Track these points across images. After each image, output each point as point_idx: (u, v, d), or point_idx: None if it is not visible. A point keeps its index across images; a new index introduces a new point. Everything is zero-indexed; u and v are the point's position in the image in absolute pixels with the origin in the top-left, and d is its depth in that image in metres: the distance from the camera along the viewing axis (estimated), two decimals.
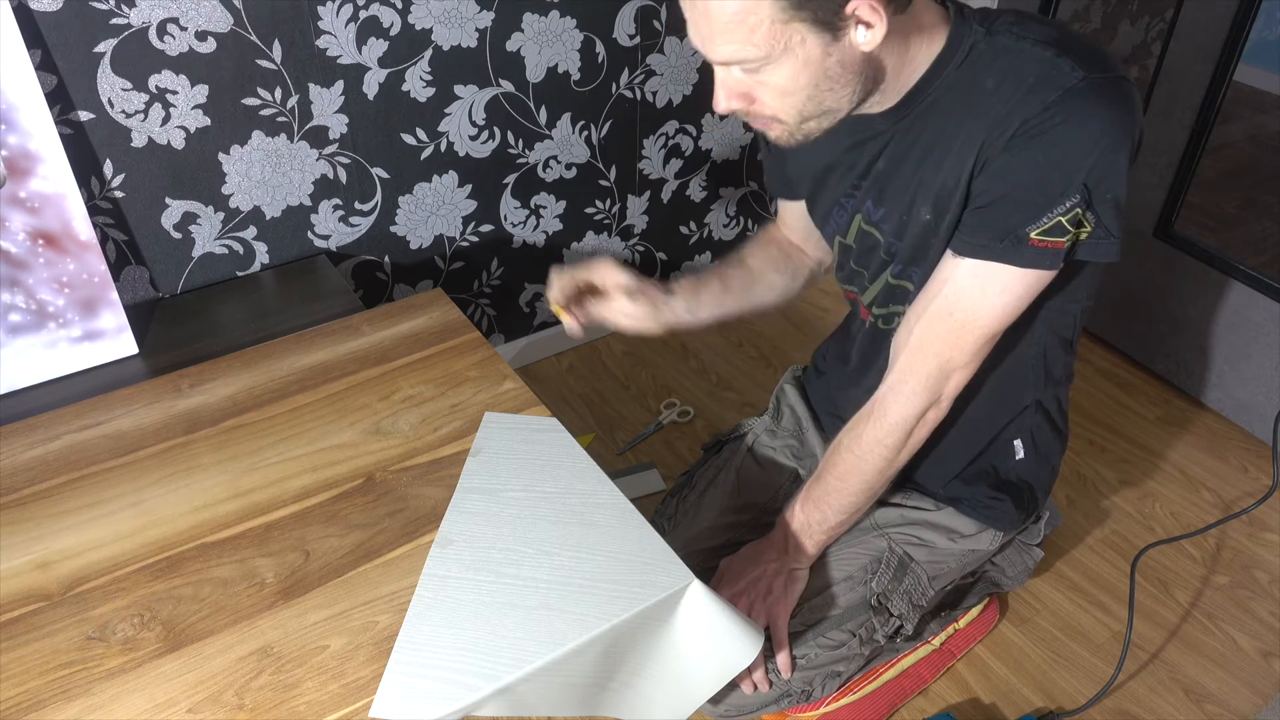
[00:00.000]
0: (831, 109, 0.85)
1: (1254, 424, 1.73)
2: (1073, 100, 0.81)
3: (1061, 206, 0.84)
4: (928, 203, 0.93)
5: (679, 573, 0.89)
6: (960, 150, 0.88)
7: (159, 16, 1.23)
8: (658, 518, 1.32)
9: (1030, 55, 0.84)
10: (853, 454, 1.03)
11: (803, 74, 0.80)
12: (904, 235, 0.98)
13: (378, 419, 1.09)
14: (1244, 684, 1.32)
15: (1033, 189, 0.84)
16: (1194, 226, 1.77)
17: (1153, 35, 1.98)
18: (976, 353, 0.94)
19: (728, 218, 2.05)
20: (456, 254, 1.69)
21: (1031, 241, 0.86)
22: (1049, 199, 0.84)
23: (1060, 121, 0.81)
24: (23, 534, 0.95)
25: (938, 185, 0.91)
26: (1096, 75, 0.81)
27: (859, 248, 1.05)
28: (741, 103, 0.85)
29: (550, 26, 1.54)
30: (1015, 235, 0.86)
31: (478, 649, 0.82)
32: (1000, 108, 0.84)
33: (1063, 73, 0.81)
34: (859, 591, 1.12)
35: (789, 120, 0.86)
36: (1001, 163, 0.85)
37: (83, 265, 1.23)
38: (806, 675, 1.11)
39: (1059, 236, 0.85)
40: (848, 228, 1.04)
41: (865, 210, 1.01)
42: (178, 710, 0.79)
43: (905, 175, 0.95)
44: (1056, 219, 0.84)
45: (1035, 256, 0.87)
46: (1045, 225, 0.85)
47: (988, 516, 1.14)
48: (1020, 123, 0.83)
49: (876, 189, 0.98)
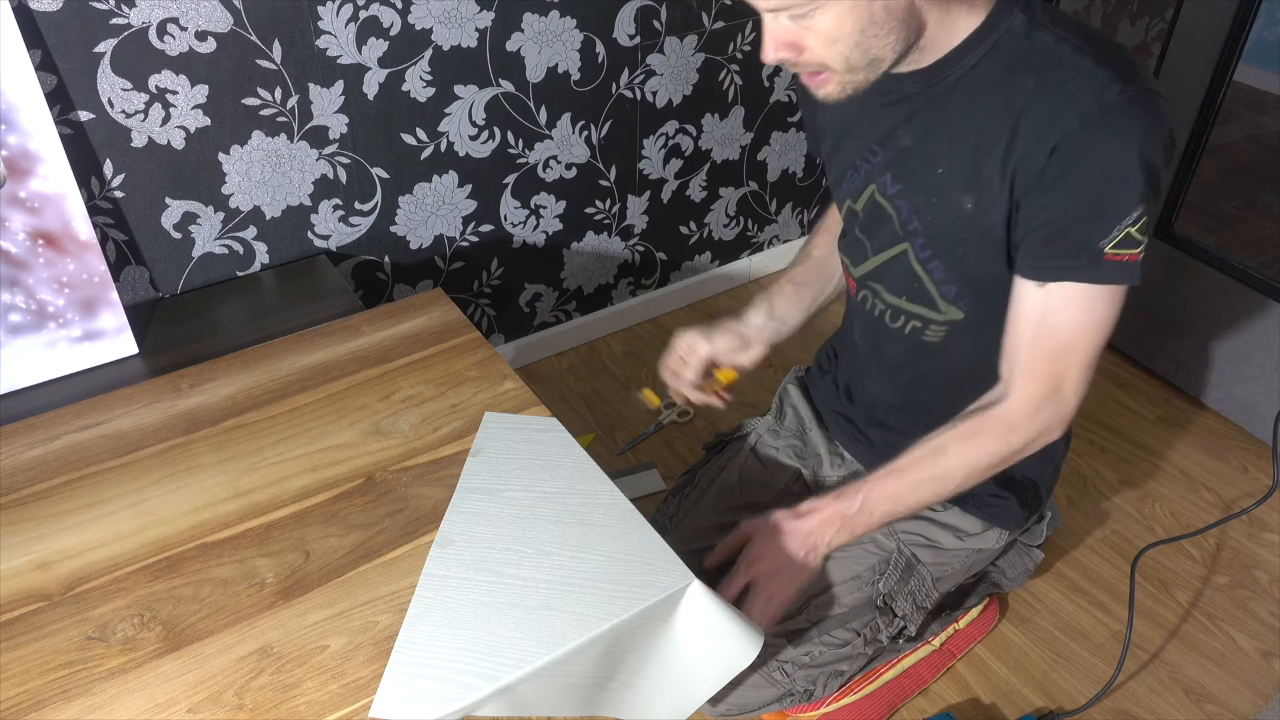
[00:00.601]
0: (877, 57, 0.85)
1: (1254, 424, 1.73)
2: (1113, 115, 0.82)
3: (1129, 217, 0.85)
4: (970, 192, 0.92)
5: (679, 573, 0.89)
6: (1004, 146, 0.88)
7: (159, 16, 1.23)
8: (659, 517, 1.32)
9: (1070, 62, 0.85)
10: (963, 460, 0.99)
11: (850, 18, 0.81)
12: (930, 217, 0.97)
13: (378, 419, 1.09)
14: (1244, 684, 1.32)
15: (1095, 204, 0.85)
16: (1194, 226, 1.77)
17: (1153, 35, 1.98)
18: (1086, 366, 0.94)
19: (728, 218, 2.05)
20: (456, 254, 1.69)
21: (1107, 256, 0.87)
22: (1114, 212, 0.85)
23: (1104, 137, 0.83)
24: (23, 534, 0.95)
25: (982, 177, 0.91)
26: (1132, 88, 0.83)
27: (866, 217, 1.04)
28: (789, 52, 0.85)
29: (550, 26, 1.54)
30: (1091, 252, 0.87)
31: (478, 649, 0.82)
32: (1041, 112, 0.85)
33: (1101, 85, 0.83)
34: (865, 591, 1.12)
35: (837, 67, 0.85)
36: (1053, 180, 0.86)
37: (83, 265, 1.23)
38: (810, 674, 1.12)
39: (1132, 248, 0.87)
40: (860, 194, 1.04)
41: (882, 183, 1.00)
42: (178, 710, 0.79)
43: (932, 156, 0.94)
44: (1125, 230, 0.85)
45: (1114, 271, 0.87)
46: (1116, 238, 0.86)
47: (992, 515, 1.14)
48: (1062, 134, 0.84)
49: (897, 163, 0.98)
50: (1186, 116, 1.65)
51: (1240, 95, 1.71)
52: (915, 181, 0.97)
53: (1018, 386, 0.96)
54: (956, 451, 0.99)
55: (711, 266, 2.10)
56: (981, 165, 0.90)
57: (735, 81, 1.85)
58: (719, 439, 1.37)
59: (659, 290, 2.04)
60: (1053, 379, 0.94)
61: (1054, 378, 0.94)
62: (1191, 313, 1.76)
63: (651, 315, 2.06)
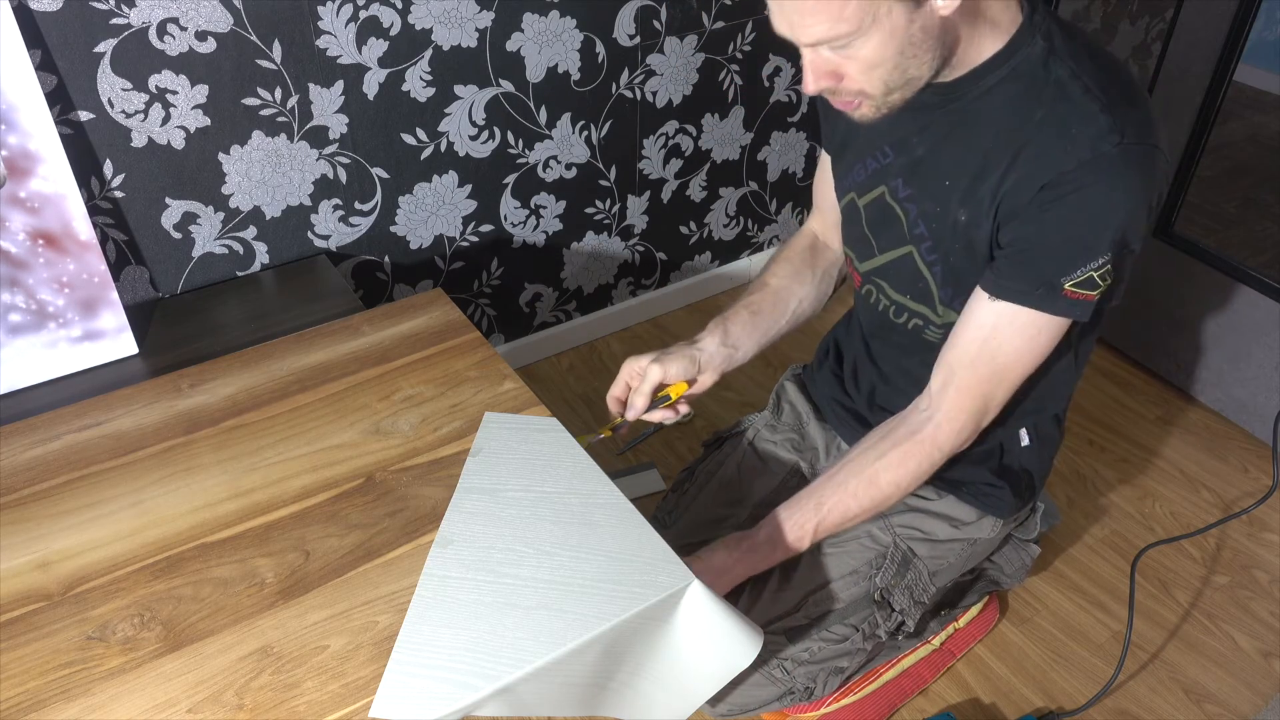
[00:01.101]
0: (914, 77, 0.87)
1: (1254, 424, 1.73)
2: (1106, 165, 0.85)
3: (1094, 262, 0.88)
4: (965, 207, 0.95)
5: (679, 573, 0.89)
6: (1001, 172, 0.91)
7: (159, 16, 1.23)
8: (659, 514, 1.32)
9: (1078, 102, 0.87)
10: (895, 484, 1.03)
11: (890, 44, 0.82)
12: (935, 225, 1.00)
13: (378, 419, 1.09)
14: (1244, 684, 1.32)
15: (1067, 243, 0.88)
16: (1194, 226, 1.77)
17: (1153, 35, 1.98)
18: (1014, 388, 0.99)
19: (728, 218, 2.05)
20: (456, 254, 1.69)
21: (1065, 292, 0.90)
22: (1082, 254, 0.88)
23: (1092, 182, 0.85)
24: (23, 534, 0.95)
25: (977, 195, 0.94)
26: (1131, 144, 0.85)
27: (873, 215, 1.06)
28: (830, 81, 0.87)
29: (550, 26, 1.54)
30: (1050, 284, 0.90)
31: (478, 649, 0.82)
32: (1040, 147, 0.88)
33: (1102, 134, 0.85)
34: (862, 586, 1.12)
35: (875, 93, 0.87)
36: (1035, 212, 0.89)
37: (83, 265, 1.23)
38: (810, 671, 1.12)
39: (1090, 290, 0.90)
40: (867, 190, 1.06)
41: (893, 186, 1.02)
42: (178, 710, 0.79)
43: (941, 168, 0.97)
44: (1089, 273, 0.89)
45: (1069, 306, 0.91)
46: (1079, 278, 0.89)
47: (986, 504, 1.15)
48: (1056, 173, 0.87)
49: (909, 169, 1.00)
50: (1186, 116, 1.65)
51: (1240, 95, 1.71)
52: (925, 190, 0.99)
53: (948, 403, 1.00)
54: (889, 480, 1.03)
55: (711, 266, 2.10)
56: (979, 185, 0.93)
57: (735, 81, 1.85)
58: (717, 436, 1.37)
59: (659, 290, 2.04)
60: (983, 399, 0.99)
61: (984, 398, 0.98)
62: (1191, 313, 1.76)
63: (651, 315, 2.06)
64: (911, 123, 0.98)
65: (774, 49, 1.86)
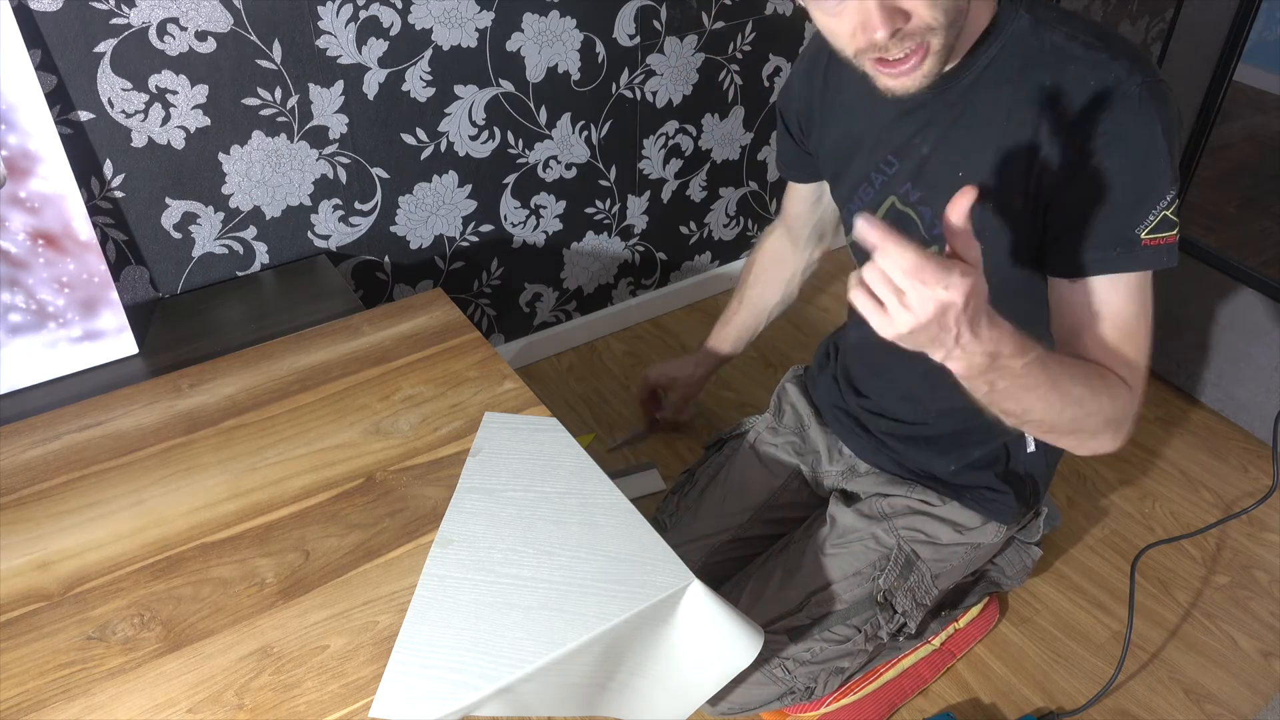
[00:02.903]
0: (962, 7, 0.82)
1: (1254, 424, 1.73)
2: (1137, 104, 0.83)
3: (1164, 200, 0.85)
4: (989, 194, 0.92)
5: (679, 573, 0.89)
6: (1025, 147, 0.88)
7: (159, 16, 1.23)
8: (659, 516, 1.32)
9: (1086, 58, 0.85)
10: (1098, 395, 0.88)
11: None
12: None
13: (378, 419, 1.09)
14: (1244, 684, 1.32)
15: (1130, 192, 0.85)
16: (1194, 226, 1.77)
17: (1153, 35, 1.98)
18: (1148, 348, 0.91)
19: (728, 218, 2.05)
20: (456, 254, 1.69)
21: (1144, 243, 0.86)
22: (1150, 196, 0.85)
23: (1132, 124, 0.83)
24: (23, 534, 0.95)
25: (1004, 179, 0.90)
26: (1149, 79, 0.84)
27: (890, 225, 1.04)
28: (900, 20, 0.79)
29: (550, 26, 1.54)
30: (1126, 240, 0.86)
31: (478, 649, 0.82)
32: (1062, 109, 0.86)
33: (1120, 79, 0.84)
34: (865, 588, 1.12)
35: (941, 24, 0.80)
36: (1085, 174, 0.86)
37: (83, 265, 1.23)
38: (811, 671, 1.12)
39: (1168, 231, 0.86)
40: (877, 206, 1.03)
41: (903, 192, 1.00)
42: (178, 710, 0.79)
43: (952, 161, 0.94)
44: (1161, 213, 0.85)
45: (1153, 256, 0.86)
46: (1152, 222, 0.85)
47: (990, 509, 1.15)
48: (1092, 128, 0.84)
49: (916, 171, 0.98)
50: (1187, 117, 1.65)
51: (1240, 95, 1.71)
52: (936, 187, 0.97)
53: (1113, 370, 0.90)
54: (1102, 387, 0.89)
55: (712, 266, 2.10)
56: (1003, 167, 0.90)
57: (735, 81, 1.85)
58: (718, 438, 1.37)
59: (659, 290, 2.04)
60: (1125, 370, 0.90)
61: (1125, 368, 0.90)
62: (1191, 313, 1.76)
63: (651, 315, 2.06)
64: (911, 124, 0.96)
65: (774, 49, 1.86)
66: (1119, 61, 0.84)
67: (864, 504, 1.18)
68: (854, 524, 1.16)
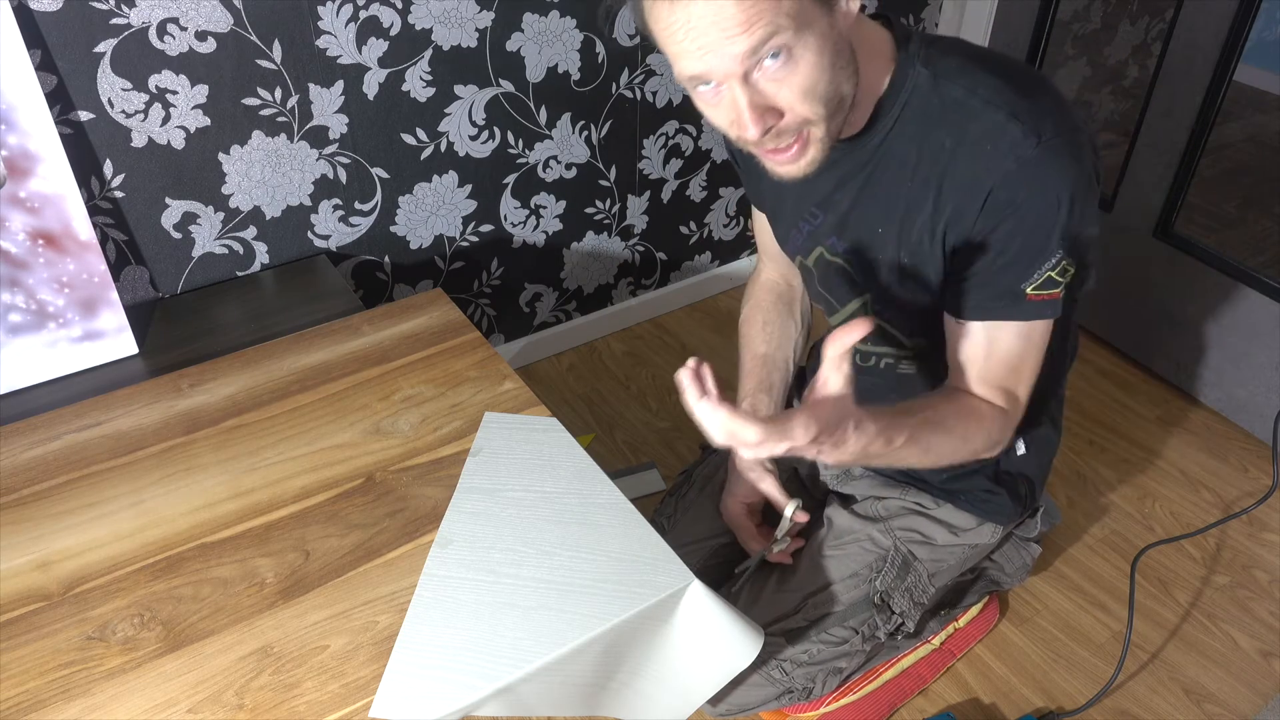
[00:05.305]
0: (845, 95, 0.83)
1: (1254, 424, 1.73)
2: (1032, 169, 0.84)
3: (1048, 263, 0.88)
4: (904, 249, 0.95)
5: (679, 573, 0.89)
6: (930, 208, 0.91)
7: (159, 16, 1.23)
8: (658, 517, 1.32)
9: (983, 117, 0.85)
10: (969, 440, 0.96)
11: (824, 50, 0.78)
12: (877, 272, 0.99)
13: (378, 419, 1.09)
14: (1244, 684, 1.32)
15: (1018, 254, 0.88)
16: (1194, 226, 1.77)
17: (1153, 35, 1.98)
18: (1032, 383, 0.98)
19: (728, 218, 2.05)
20: (456, 254, 1.69)
21: (1029, 297, 0.90)
22: (1035, 259, 0.88)
23: (1024, 191, 0.85)
24: (23, 534, 0.95)
25: (913, 238, 0.94)
26: (1048, 139, 0.84)
27: (821, 273, 1.07)
28: (773, 118, 0.80)
29: (550, 26, 1.54)
30: (1012, 293, 0.90)
31: (478, 649, 0.82)
32: (962, 173, 0.87)
33: (1017, 141, 0.84)
34: (862, 589, 1.12)
35: (818, 116, 0.81)
36: (981, 234, 0.89)
37: (83, 265, 1.23)
38: (809, 671, 1.12)
39: (1052, 289, 0.90)
40: (808, 252, 1.06)
41: (830, 244, 1.03)
42: (178, 710, 0.79)
43: (870, 217, 0.96)
44: (1046, 274, 0.89)
45: (1036, 309, 0.91)
46: (1037, 281, 0.89)
47: (985, 510, 1.15)
48: (988, 192, 0.86)
49: (840, 225, 1.00)
50: (1187, 117, 1.65)
51: (1240, 95, 1.71)
52: (859, 241, 0.99)
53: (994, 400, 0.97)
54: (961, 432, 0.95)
55: (712, 266, 2.10)
56: (911, 227, 0.93)
57: None
58: None
59: (659, 290, 2.04)
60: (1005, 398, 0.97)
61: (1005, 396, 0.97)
62: (1191, 313, 1.76)
63: (651, 315, 2.06)
64: (829, 180, 0.97)
65: None
66: (1016, 122, 0.84)
67: (860, 506, 1.18)
68: (850, 525, 1.16)
